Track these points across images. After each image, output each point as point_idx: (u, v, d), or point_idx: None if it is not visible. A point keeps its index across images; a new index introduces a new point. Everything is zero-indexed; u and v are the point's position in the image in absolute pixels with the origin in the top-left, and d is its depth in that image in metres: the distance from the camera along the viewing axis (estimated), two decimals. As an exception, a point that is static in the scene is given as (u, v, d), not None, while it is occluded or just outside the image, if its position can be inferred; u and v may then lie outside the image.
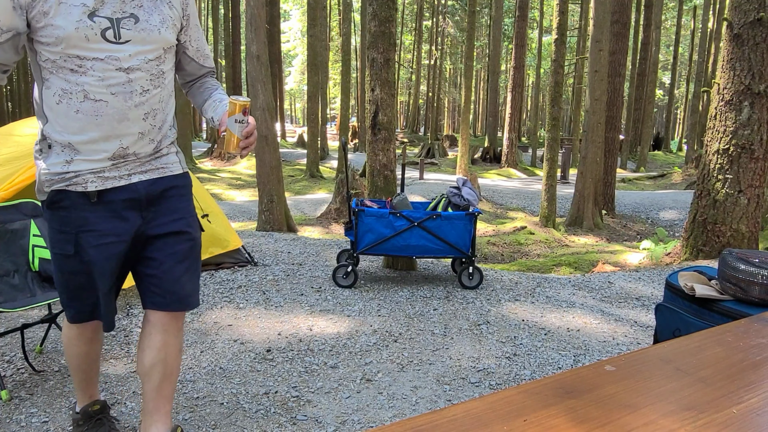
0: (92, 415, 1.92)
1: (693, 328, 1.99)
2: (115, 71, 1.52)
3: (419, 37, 33.07)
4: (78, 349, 1.80)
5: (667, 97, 33.12)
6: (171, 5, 1.62)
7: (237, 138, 1.56)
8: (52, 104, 1.54)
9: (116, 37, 1.51)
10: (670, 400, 0.80)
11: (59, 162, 1.57)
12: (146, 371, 1.71)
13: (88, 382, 1.90)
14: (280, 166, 7.17)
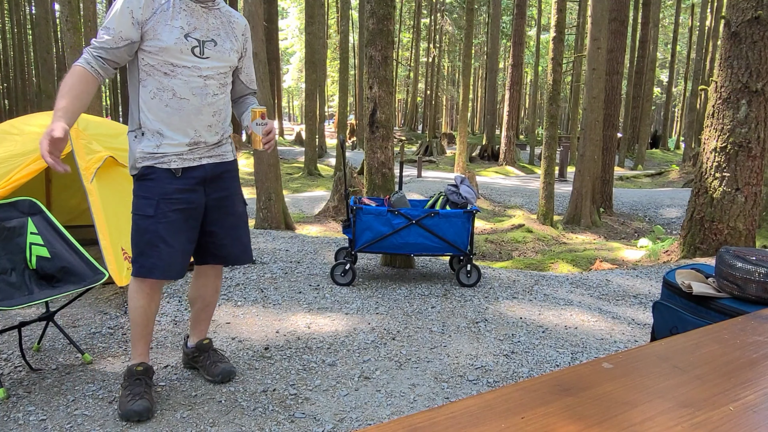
0: (134, 373, 2.19)
1: (690, 325, 2.00)
2: (197, 77, 2.08)
3: (417, 34, 33.04)
4: (137, 302, 2.17)
5: (664, 95, 33.15)
6: (236, 38, 2.21)
7: (259, 137, 2.09)
8: (147, 99, 2.06)
9: (201, 53, 2.09)
10: (668, 397, 0.80)
11: (151, 145, 2.08)
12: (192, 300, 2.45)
13: (141, 340, 2.22)
14: (278, 164, 7.17)
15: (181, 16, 2.04)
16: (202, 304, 2.44)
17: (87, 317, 3.18)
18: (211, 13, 2.12)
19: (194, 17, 2.07)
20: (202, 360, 2.49)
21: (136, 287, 2.17)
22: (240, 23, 2.23)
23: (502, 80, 32.11)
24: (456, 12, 31.20)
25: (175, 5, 2.04)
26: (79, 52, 8.40)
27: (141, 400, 2.12)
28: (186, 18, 2.06)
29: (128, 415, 2.10)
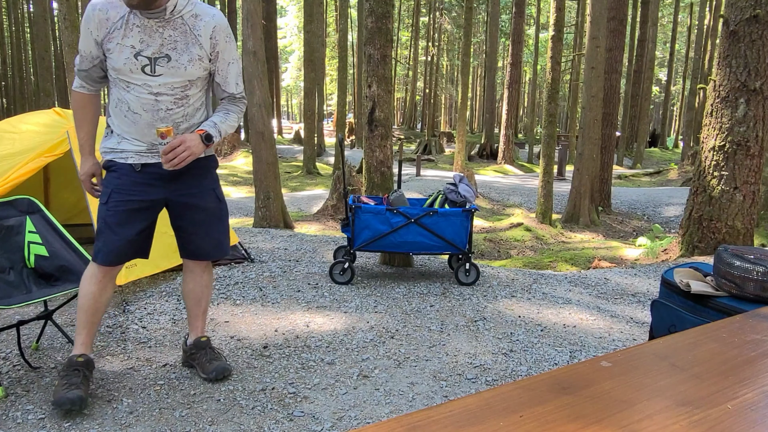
0: (74, 363, 2.18)
1: (688, 324, 2.00)
2: (147, 94, 2.08)
3: (416, 33, 33.01)
4: (89, 288, 2.19)
5: (663, 93, 33.17)
6: (200, 45, 2.11)
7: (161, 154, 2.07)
8: (112, 107, 2.16)
9: (152, 71, 2.06)
10: (666, 395, 0.80)
11: (113, 141, 2.18)
12: (184, 296, 2.48)
13: (85, 328, 2.21)
14: (276, 163, 7.16)
15: (133, 34, 2.01)
16: (194, 299, 2.46)
17: (85, 316, 3.18)
18: (169, 24, 2.04)
19: (147, 33, 2.02)
20: (198, 357, 2.49)
21: (90, 273, 2.21)
22: (208, 26, 2.11)
23: (501, 79, 32.10)
24: (455, 10, 31.17)
25: (128, 22, 2.00)
26: (76, 50, 8.38)
27: (76, 390, 2.10)
28: (139, 35, 2.01)
29: (61, 402, 2.07)
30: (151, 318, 3.17)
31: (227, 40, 2.17)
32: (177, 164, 2.03)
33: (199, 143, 2.08)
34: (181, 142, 2.02)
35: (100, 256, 2.17)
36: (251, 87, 6.74)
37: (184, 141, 2.03)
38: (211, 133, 2.13)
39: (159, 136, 2.03)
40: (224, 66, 2.20)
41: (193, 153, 2.05)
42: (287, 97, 62.63)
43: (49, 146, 3.29)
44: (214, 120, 2.19)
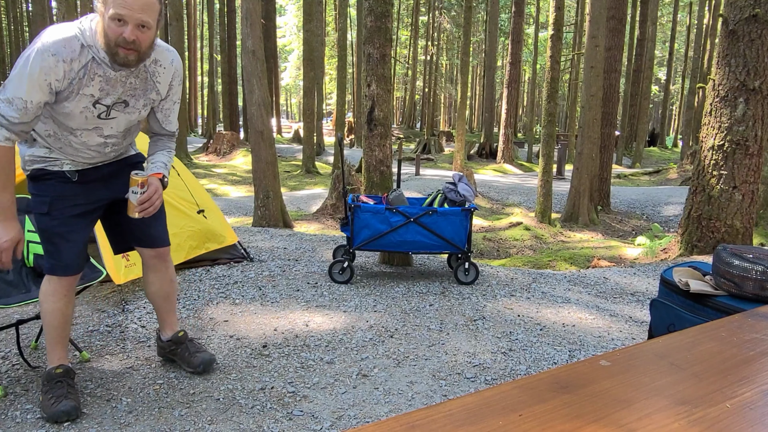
0: (54, 376, 2.14)
1: (687, 323, 2.00)
2: (97, 137, 2.03)
3: (415, 32, 33.00)
4: (53, 304, 2.11)
5: (662, 93, 33.18)
6: (158, 92, 2.09)
7: (134, 205, 2.03)
8: (41, 131, 2.01)
9: (107, 115, 1.99)
10: (665, 394, 0.80)
11: (43, 150, 2.05)
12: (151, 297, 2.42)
13: (59, 343, 2.16)
14: (275, 162, 7.16)
15: (94, 83, 1.89)
16: (162, 296, 2.41)
17: (85, 315, 3.18)
18: (131, 74, 1.96)
19: (109, 84, 1.92)
20: (180, 352, 2.49)
21: (51, 289, 2.10)
22: (168, 72, 2.06)
23: (500, 78, 32.10)
24: (454, 9, 31.16)
25: (89, 71, 1.86)
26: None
27: (66, 401, 2.08)
28: (99, 84, 1.90)
29: (56, 417, 2.06)
30: (150, 317, 3.17)
31: (180, 82, 2.15)
32: (151, 212, 2.05)
33: (161, 186, 2.11)
34: (155, 190, 2.04)
35: (59, 269, 2.08)
36: (250, 86, 6.74)
37: (158, 190, 2.06)
38: (166, 176, 2.17)
39: (138, 186, 2.00)
40: (170, 105, 2.18)
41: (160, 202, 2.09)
42: (286, 96, 62.62)
43: (48, 145, 3.28)
44: (164, 161, 2.19)
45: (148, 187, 2.03)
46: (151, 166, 2.16)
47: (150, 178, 2.06)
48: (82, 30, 1.84)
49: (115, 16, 1.76)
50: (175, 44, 14.48)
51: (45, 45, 1.79)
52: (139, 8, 1.77)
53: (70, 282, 2.13)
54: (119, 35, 1.78)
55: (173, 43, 14.62)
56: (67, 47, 1.81)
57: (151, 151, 2.22)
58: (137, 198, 2.01)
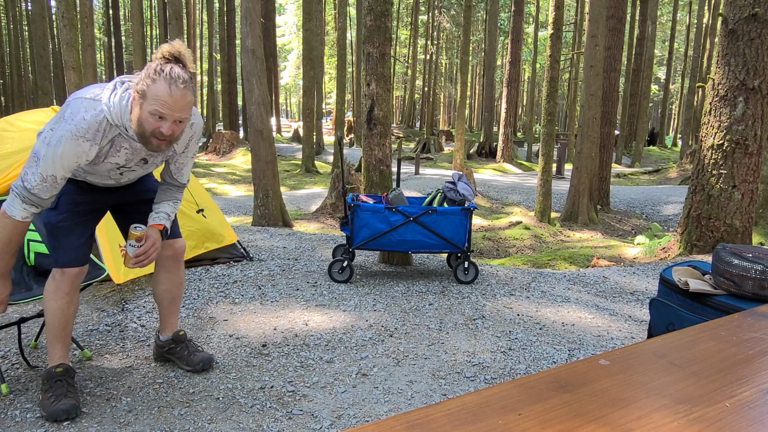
0: (54, 375, 2.14)
1: (687, 322, 2.01)
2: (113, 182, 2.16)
3: (415, 31, 32.98)
4: (55, 303, 2.11)
5: (662, 92, 33.18)
6: (175, 150, 2.14)
7: (129, 256, 2.10)
8: None
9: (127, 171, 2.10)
10: (664, 394, 0.81)
11: None
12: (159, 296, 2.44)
13: (59, 342, 2.17)
14: (275, 161, 7.16)
15: (120, 154, 1.99)
16: (170, 298, 2.44)
17: (84, 314, 3.18)
18: None
19: (134, 153, 2.01)
20: (179, 351, 2.51)
21: (54, 287, 2.11)
22: (186, 135, 2.12)
23: (500, 77, 32.10)
24: (454, 9, 31.14)
25: (116, 145, 1.95)
26: (75, 48, 8.34)
27: (66, 399, 2.09)
28: (125, 155, 2.00)
29: (55, 415, 2.06)
30: (150, 316, 3.17)
31: (197, 141, 2.20)
32: (146, 264, 2.10)
33: (160, 238, 2.17)
34: (152, 243, 2.11)
35: (64, 261, 2.10)
36: (250, 85, 6.73)
37: (155, 242, 2.12)
38: (167, 228, 2.22)
39: (135, 240, 2.08)
40: (185, 160, 2.23)
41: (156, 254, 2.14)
42: (286, 96, 62.58)
43: (48, 144, 3.28)
44: (167, 212, 2.23)
45: (145, 240, 2.10)
46: (154, 216, 2.21)
47: (149, 230, 2.14)
48: (109, 108, 1.88)
49: (155, 113, 1.83)
50: (174, 43, 14.47)
51: (78, 129, 1.84)
52: (180, 108, 1.85)
53: (72, 280, 2.13)
54: (157, 128, 1.85)
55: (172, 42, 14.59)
56: (99, 130, 1.88)
57: (158, 199, 2.26)
58: (134, 251, 2.08)
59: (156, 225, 2.18)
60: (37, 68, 18.32)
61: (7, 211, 1.90)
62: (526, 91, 38.79)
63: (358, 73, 24.94)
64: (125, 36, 33.89)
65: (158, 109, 1.81)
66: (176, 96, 1.82)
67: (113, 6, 29.09)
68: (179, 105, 1.84)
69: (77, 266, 2.14)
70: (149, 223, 2.18)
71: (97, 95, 1.91)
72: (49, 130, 1.87)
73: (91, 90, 1.93)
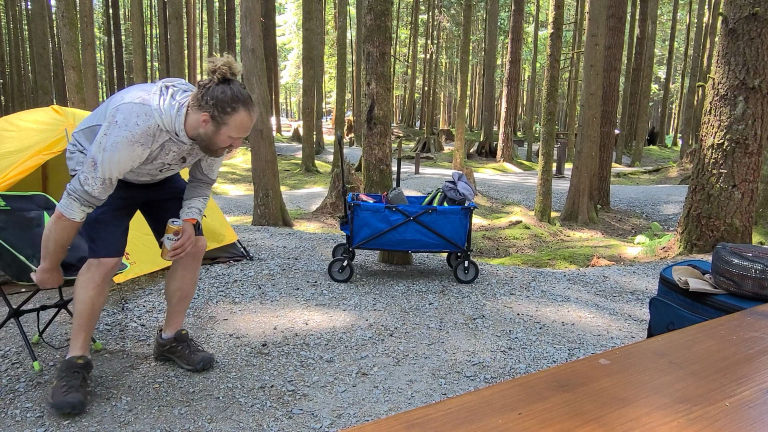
0: (74, 365, 2.18)
1: (686, 321, 2.01)
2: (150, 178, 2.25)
3: (415, 30, 32.97)
4: (87, 293, 2.15)
5: (662, 91, 33.17)
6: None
7: (167, 249, 2.19)
8: None
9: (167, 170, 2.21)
10: (664, 393, 0.81)
11: None
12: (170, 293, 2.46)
13: (84, 332, 2.20)
14: (275, 160, 7.16)
15: (168, 155, 2.11)
16: (181, 296, 2.47)
17: (84, 314, 3.18)
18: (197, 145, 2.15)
19: (179, 153, 2.13)
20: (180, 350, 2.52)
21: (86, 278, 2.16)
22: None
23: (500, 77, 32.10)
24: (454, 8, 31.13)
25: (164, 148, 2.06)
26: (75, 47, 8.33)
27: (75, 393, 2.12)
28: (172, 155, 2.12)
29: (60, 406, 2.09)
30: (150, 316, 3.17)
31: None
32: (183, 257, 2.23)
33: (194, 232, 2.29)
34: (188, 237, 2.21)
35: (101, 251, 2.16)
36: (250, 84, 6.73)
37: (191, 236, 2.23)
38: (199, 221, 2.34)
39: (173, 234, 2.18)
40: (212, 161, 2.34)
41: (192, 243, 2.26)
42: (286, 95, 62.58)
43: (48, 144, 3.29)
44: (199, 207, 2.33)
45: (182, 234, 2.21)
46: (187, 211, 2.30)
47: (185, 224, 2.23)
48: (161, 114, 1.97)
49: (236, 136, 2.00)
50: (174, 43, 14.46)
51: (134, 135, 1.94)
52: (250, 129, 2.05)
53: (107, 271, 2.17)
54: (228, 144, 2.04)
55: (172, 41, 14.59)
56: (152, 136, 1.99)
57: (188, 195, 2.34)
58: (172, 244, 2.18)
59: (190, 219, 2.27)
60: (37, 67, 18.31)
61: (66, 214, 1.98)
62: (526, 91, 38.79)
63: (358, 72, 24.93)
64: (125, 35, 33.87)
65: (239, 135, 2.00)
66: (254, 119, 2.03)
67: (113, 5, 29.07)
68: (251, 126, 2.04)
69: (114, 257, 2.19)
70: (183, 218, 2.26)
71: (145, 100, 1.97)
72: (103, 135, 1.94)
73: (137, 93, 1.99)
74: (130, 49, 28.21)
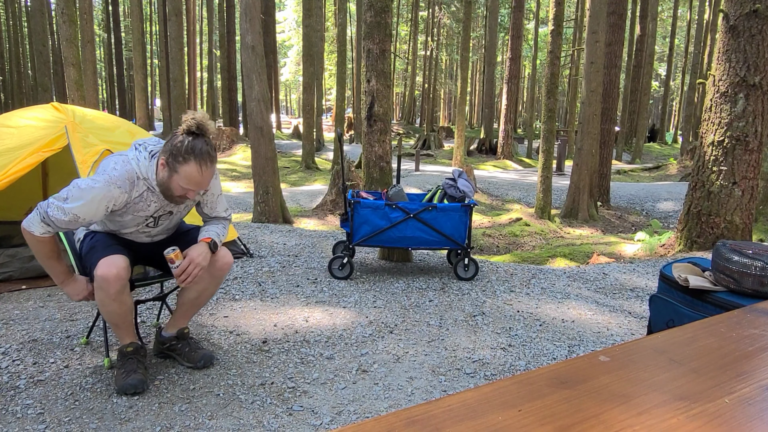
0: (125, 354, 2.33)
1: (686, 319, 2.01)
2: (145, 237, 2.39)
3: (415, 27, 32.91)
4: (106, 308, 2.19)
5: (662, 88, 33.12)
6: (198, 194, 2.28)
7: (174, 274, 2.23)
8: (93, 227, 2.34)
9: (154, 225, 2.34)
10: (664, 390, 0.81)
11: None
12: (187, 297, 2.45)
13: (123, 330, 2.31)
14: (275, 158, 7.15)
15: (149, 207, 2.23)
16: (194, 304, 2.50)
17: (85, 311, 3.18)
18: None
19: (159, 204, 2.24)
20: (180, 348, 2.54)
21: (101, 297, 2.16)
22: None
23: (500, 74, 32.03)
24: (454, 5, 31.07)
25: (145, 199, 2.19)
26: (74, 44, 8.32)
27: (135, 375, 2.27)
28: (153, 207, 2.24)
29: (124, 389, 2.24)
30: (149, 313, 3.17)
31: (215, 180, 2.40)
32: (191, 281, 2.22)
33: (207, 252, 2.28)
34: (189, 262, 2.21)
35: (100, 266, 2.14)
36: (250, 81, 6.72)
37: (193, 259, 2.22)
38: (216, 241, 2.35)
39: (168, 261, 2.20)
40: (212, 198, 2.43)
41: (201, 266, 2.24)
42: (286, 92, 62.51)
43: (48, 141, 3.29)
44: (216, 231, 2.39)
45: (182, 259, 2.23)
46: (203, 233, 2.37)
47: (191, 248, 2.25)
48: (138, 163, 2.15)
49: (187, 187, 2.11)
50: (174, 40, 14.44)
51: (112, 178, 2.08)
52: (207, 183, 2.14)
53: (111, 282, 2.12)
54: (184, 194, 2.15)
55: (172, 38, 14.57)
56: (130, 180, 2.12)
57: (205, 225, 2.47)
58: (174, 270, 2.22)
59: (204, 239, 2.31)
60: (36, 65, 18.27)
61: (26, 226, 2.07)
62: (527, 88, 38.74)
63: (358, 69, 24.90)
64: (125, 32, 33.81)
65: (189, 186, 2.10)
66: (205, 175, 2.10)
67: (113, 2, 29.02)
68: (206, 180, 2.12)
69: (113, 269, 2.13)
70: (199, 239, 2.32)
71: (122, 153, 2.17)
72: (87, 179, 2.08)
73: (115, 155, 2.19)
74: (130, 46, 28.18)
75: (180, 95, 15.81)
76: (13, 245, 3.90)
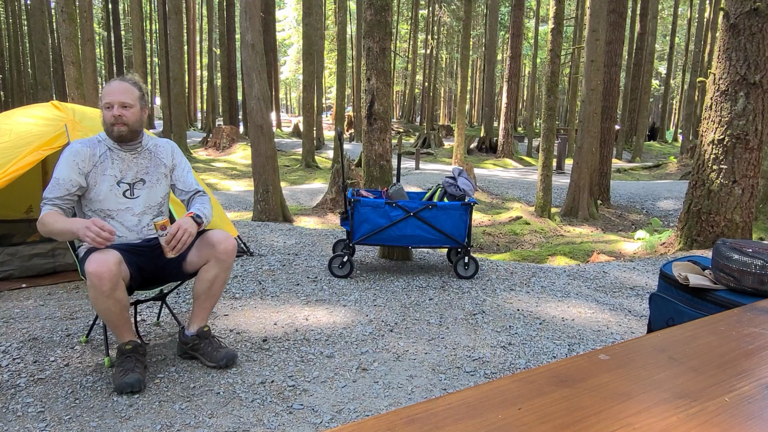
0: (124, 351, 2.34)
1: (686, 317, 2.01)
2: (131, 216, 2.48)
3: (415, 26, 32.88)
4: (101, 305, 2.22)
5: (663, 87, 33.10)
6: (165, 165, 2.59)
7: (164, 246, 2.26)
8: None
9: (131, 195, 2.48)
10: (663, 388, 0.81)
11: None
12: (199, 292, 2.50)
13: (120, 327, 2.33)
14: (275, 156, 7.15)
15: (114, 166, 2.44)
16: (212, 291, 2.51)
17: (85, 309, 3.19)
18: (140, 155, 2.51)
19: (125, 164, 2.47)
20: (203, 347, 2.53)
21: (94, 295, 2.17)
22: (167, 149, 2.62)
23: (501, 72, 32.01)
24: (454, 3, 31.03)
25: (108, 157, 2.44)
26: (74, 43, 8.34)
27: (132, 374, 2.28)
28: (118, 166, 2.45)
29: (121, 388, 2.25)
30: (150, 311, 3.17)
31: (181, 156, 2.66)
32: (180, 249, 2.28)
33: (193, 223, 2.36)
34: (178, 227, 2.28)
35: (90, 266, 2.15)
36: (250, 80, 6.72)
37: (180, 225, 2.29)
38: (200, 215, 2.43)
39: (159, 229, 2.25)
40: (182, 172, 2.63)
41: (190, 234, 2.31)
42: (286, 91, 62.49)
43: (48, 139, 3.29)
44: (198, 207, 2.50)
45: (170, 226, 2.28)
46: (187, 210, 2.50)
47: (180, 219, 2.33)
48: (100, 133, 2.48)
49: (105, 105, 2.39)
50: (174, 38, 14.43)
51: (77, 142, 2.44)
52: (120, 93, 2.39)
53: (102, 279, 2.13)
54: (111, 116, 2.39)
55: (172, 37, 14.56)
56: (90, 141, 2.46)
57: (190, 206, 2.57)
58: (163, 239, 2.25)
59: (188, 214, 2.41)
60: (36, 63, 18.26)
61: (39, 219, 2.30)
62: (527, 86, 38.72)
63: (358, 67, 24.88)
64: (125, 31, 33.79)
65: (106, 101, 2.37)
66: (114, 84, 2.40)
67: (112, 0, 28.99)
68: (118, 90, 2.39)
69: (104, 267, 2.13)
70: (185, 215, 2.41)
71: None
72: None
73: None
74: (130, 44, 28.14)
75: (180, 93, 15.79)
76: (13, 243, 3.90)
